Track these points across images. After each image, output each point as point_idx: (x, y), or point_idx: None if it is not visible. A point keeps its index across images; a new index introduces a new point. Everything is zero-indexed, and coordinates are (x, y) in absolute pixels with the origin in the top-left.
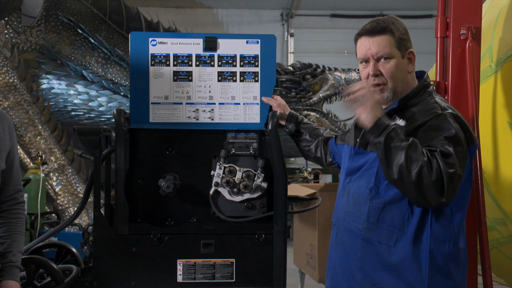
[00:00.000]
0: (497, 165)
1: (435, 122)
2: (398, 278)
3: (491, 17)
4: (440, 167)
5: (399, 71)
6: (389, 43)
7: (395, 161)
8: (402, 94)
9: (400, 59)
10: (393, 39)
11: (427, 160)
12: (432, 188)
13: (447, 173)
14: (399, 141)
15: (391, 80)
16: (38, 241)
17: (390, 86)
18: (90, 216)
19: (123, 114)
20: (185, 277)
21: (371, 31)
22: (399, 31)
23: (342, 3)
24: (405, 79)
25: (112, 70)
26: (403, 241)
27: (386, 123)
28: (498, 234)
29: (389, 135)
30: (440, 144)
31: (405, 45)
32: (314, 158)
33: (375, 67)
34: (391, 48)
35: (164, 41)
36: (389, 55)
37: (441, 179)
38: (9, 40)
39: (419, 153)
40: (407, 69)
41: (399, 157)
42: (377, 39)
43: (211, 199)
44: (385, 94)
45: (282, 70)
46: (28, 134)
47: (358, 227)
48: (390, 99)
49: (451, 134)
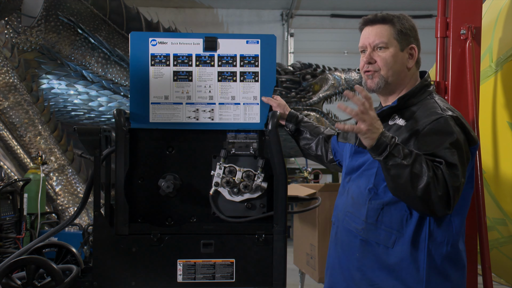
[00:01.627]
0: (497, 165)
1: (436, 126)
2: (396, 279)
3: (491, 17)
4: (446, 181)
5: (395, 62)
6: (387, 32)
7: (400, 178)
8: (397, 89)
9: (398, 51)
10: (392, 29)
11: (433, 175)
12: (439, 203)
13: (452, 187)
14: (402, 158)
15: (384, 68)
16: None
17: (383, 73)
18: (90, 216)
19: (123, 114)
20: (185, 277)
21: (372, 20)
22: (402, 25)
23: (342, 3)
24: (401, 72)
25: (112, 70)
26: (401, 242)
27: (386, 142)
28: (498, 234)
29: (390, 153)
30: (444, 153)
31: (407, 39)
32: (315, 156)
33: (370, 55)
34: (388, 38)
35: (164, 41)
36: (385, 45)
37: (447, 193)
38: (9, 40)
39: (424, 169)
40: (405, 63)
41: (403, 175)
42: (376, 28)
43: (211, 199)
44: (376, 80)
45: (282, 70)
46: (28, 134)
47: (356, 227)
48: (381, 86)
49: (453, 140)
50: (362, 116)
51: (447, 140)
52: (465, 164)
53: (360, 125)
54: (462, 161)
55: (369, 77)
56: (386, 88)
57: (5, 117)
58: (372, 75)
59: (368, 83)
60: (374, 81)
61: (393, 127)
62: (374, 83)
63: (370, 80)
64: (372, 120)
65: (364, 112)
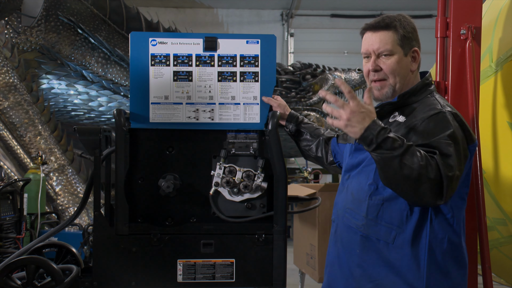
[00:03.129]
0: (497, 165)
1: (434, 119)
2: (397, 275)
3: (491, 17)
4: (440, 170)
5: (401, 68)
6: (391, 39)
7: (389, 168)
8: (400, 90)
9: (403, 56)
10: (396, 36)
11: (425, 164)
12: (430, 192)
13: (446, 176)
14: (391, 150)
15: (391, 76)
16: (38, 241)
17: (391, 82)
18: (90, 216)
19: (123, 114)
20: (185, 277)
21: (374, 26)
22: (405, 29)
23: (342, 3)
24: (406, 77)
25: (112, 70)
26: (402, 238)
27: (372, 134)
28: (498, 234)
29: (378, 145)
30: (440, 143)
31: (409, 43)
32: (315, 157)
33: (375, 63)
34: (393, 45)
35: (164, 41)
36: (390, 52)
37: (440, 182)
38: (9, 40)
39: (416, 159)
40: (409, 67)
41: (393, 165)
42: (380, 35)
43: (211, 199)
44: (384, 91)
45: (282, 70)
46: (28, 134)
47: (357, 223)
48: (389, 96)
49: (450, 132)
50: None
51: (444, 131)
52: (462, 158)
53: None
54: (458, 154)
55: (377, 89)
56: (395, 94)
57: (5, 117)
58: (381, 86)
59: (376, 93)
60: (382, 92)
61: (393, 124)
62: (382, 94)
63: (378, 91)
64: (350, 114)
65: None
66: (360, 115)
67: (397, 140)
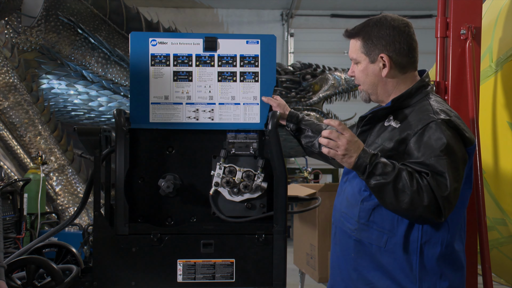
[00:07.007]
0: (497, 165)
1: (426, 132)
2: (390, 279)
3: (491, 17)
4: (434, 192)
5: (366, 75)
6: (356, 47)
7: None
8: (386, 97)
9: (368, 64)
10: (359, 43)
11: (416, 189)
12: (427, 214)
13: (441, 197)
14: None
15: (361, 82)
16: (38, 241)
17: (363, 87)
18: (90, 216)
19: (123, 114)
20: (185, 277)
21: (348, 33)
22: (369, 36)
23: (342, 3)
24: (378, 83)
25: (112, 70)
26: (393, 242)
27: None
28: (498, 234)
29: (371, 172)
30: (433, 162)
31: (374, 50)
32: (318, 153)
33: (352, 69)
34: (357, 53)
35: (164, 41)
36: (355, 60)
37: (436, 203)
38: (9, 40)
39: (407, 184)
40: (380, 74)
41: (386, 191)
42: (351, 42)
43: (211, 199)
44: (362, 94)
45: (282, 70)
46: (28, 134)
47: (350, 228)
48: (367, 100)
49: (444, 146)
50: (334, 143)
51: (436, 147)
52: (459, 167)
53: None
54: (454, 166)
55: (359, 93)
56: (374, 99)
57: (5, 117)
58: (360, 90)
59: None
60: (362, 96)
61: (388, 128)
62: (363, 98)
63: (360, 95)
64: (345, 145)
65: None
66: (355, 144)
67: (388, 164)
